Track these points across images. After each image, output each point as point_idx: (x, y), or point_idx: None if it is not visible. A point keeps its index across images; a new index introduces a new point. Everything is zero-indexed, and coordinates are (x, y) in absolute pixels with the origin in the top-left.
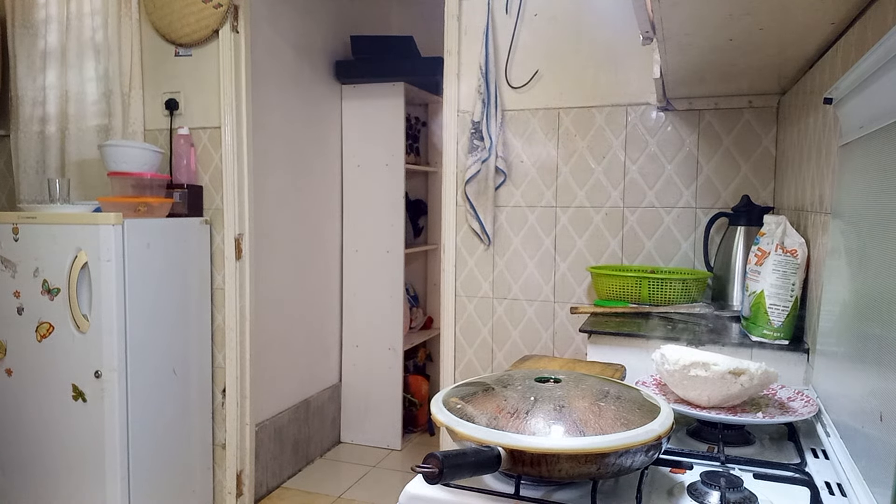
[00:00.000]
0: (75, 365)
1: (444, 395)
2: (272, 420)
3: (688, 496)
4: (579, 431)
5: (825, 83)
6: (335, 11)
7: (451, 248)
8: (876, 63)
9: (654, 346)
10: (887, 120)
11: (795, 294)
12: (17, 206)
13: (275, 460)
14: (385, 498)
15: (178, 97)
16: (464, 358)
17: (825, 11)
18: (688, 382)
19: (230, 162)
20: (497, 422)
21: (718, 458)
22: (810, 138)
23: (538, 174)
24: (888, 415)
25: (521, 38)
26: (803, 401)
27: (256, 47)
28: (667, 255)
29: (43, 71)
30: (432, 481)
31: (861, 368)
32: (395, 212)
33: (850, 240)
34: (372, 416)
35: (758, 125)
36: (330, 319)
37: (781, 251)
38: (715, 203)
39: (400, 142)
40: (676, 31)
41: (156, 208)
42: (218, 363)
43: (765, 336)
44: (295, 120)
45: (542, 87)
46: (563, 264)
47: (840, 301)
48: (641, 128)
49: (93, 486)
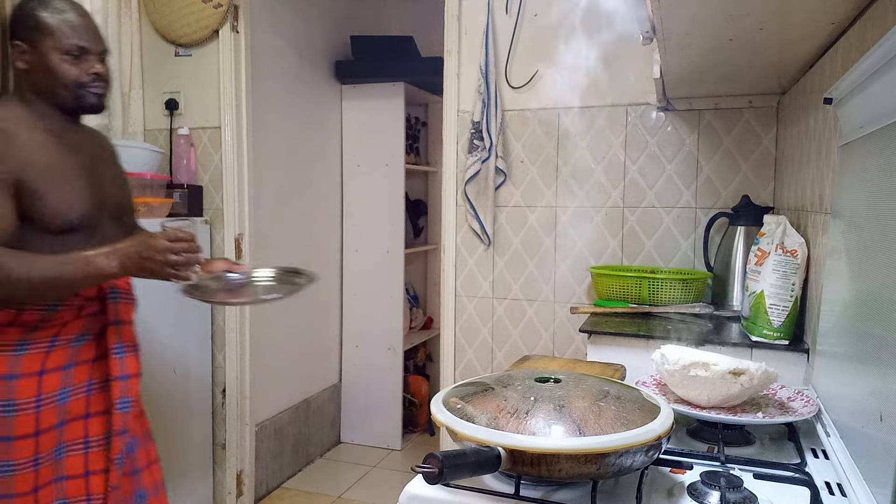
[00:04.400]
0: None
1: (444, 395)
2: (272, 420)
3: (688, 496)
4: (579, 431)
5: (825, 83)
6: (335, 11)
7: (451, 248)
8: (876, 63)
9: (654, 346)
10: (887, 120)
11: (795, 294)
12: None
13: (275, 460)
14: (385, 498)
15: (178, 97)
16: (464, 358)
17: (825, 11)
18: (688, 382)
19: (230, 162)
20: (497, 422)
21: (718, 458)
22: (810, 138)
23: (538, 174)
24: (888, 415)
25: (521, 38)
26: (803, 401)
27: (256, 47)
28: (667, 255)
29: None
30: (432, 481)
31: (861, 368)
32: (395, 212)
33: (850, 240)
34: (372, 416)
35: (758, 125)
36: (330, 319)
37: (781, 251)
38: (715, 203)
39: (400, 142)
40: (676, 31)
41: (156, 208)
42: (218, 363)
43: (765, 336)
44: (295, 120)
45: (542, 87)
46: (563, 264)
47: (840, 301)
48: (641, 128)
49: None
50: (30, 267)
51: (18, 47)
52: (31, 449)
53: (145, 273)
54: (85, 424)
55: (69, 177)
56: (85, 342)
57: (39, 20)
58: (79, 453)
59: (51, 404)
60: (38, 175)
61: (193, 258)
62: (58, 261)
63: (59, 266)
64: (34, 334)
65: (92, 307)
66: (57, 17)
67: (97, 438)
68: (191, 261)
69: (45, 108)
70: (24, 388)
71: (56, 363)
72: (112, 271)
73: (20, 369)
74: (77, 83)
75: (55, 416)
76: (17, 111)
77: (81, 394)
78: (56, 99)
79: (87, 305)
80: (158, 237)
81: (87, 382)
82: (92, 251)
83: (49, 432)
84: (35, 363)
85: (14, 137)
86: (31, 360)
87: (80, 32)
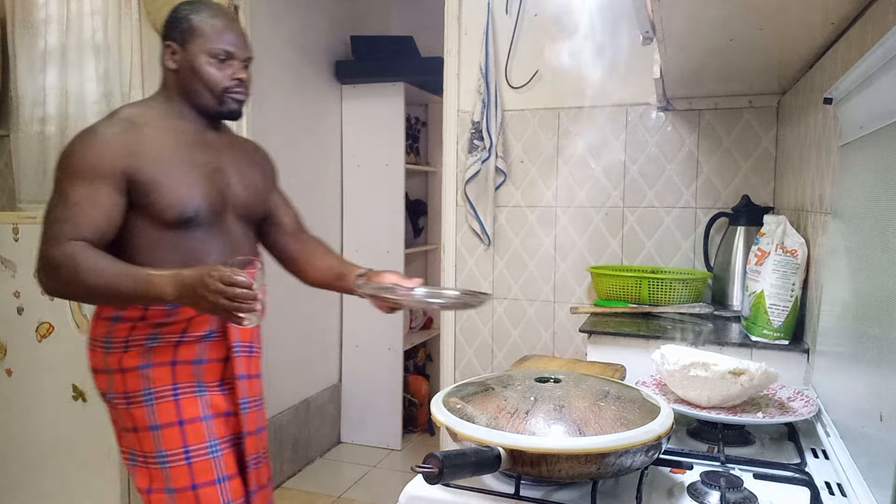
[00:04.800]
0: (75, 365)
1: (444, 395)
2: (272, 420)
3: (688, 496)
4: (579, 431)
5: (825, 83)
6: (335, 11)
7: (451, 248)
8: (876, 63)
9: (654, 346)
10: (887, 120)
11: (795, 294)
12: (17, 206)
13: (275, 460)
14: (385, 498)
15: None
16: (464, 358)
17: (825, 11)
18: (688, 382)
19: None
20: (497, 422)
21: (718, 458)
22: (810, 138)
23: (538, 174)
24: (888, 415)
25: (521, 38)
26: (803, 401)
27: (256, 47)
28: (667, 255)
29: (43, 71)
30: (432, 481)
31: (861, 368)
32: (395, 212)
33: (850, 240)
34: (372, 416)
35: (758, 125)
36: (330, 319)
37: (781, 251)
38: (715, 203)
39: (400, 142)
40: (676, 31)
41: None
42: None
43: (765, 336)
44: (295, 120)
45: (542, 87)
46: (563, 264)
47: (840, 301)
48: (641, 128)
49: (93, 486)
50: (95, 271)
51: (170, 47)
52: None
53: (199, 308)
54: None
55: (189, 173)
56: (213, 339)
57: (191, 23)
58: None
59: (189, 394)
60: (157, 168)
61: (247, 306)
62: (122, 273)
63: (120, 279)
64: (162, 329)
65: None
66: (208, 21)
67: (226, 439)
68: (243, 308)
69: (185, 108)
70: (159, 376)
71: (186, 356)
72: (167, 297)
73: (152, 359)
74: (220, 87)
75: (197, 408)
76: (154, 108)
77: (217, 391)
78: (198, 100)
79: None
80: (215, 276)
81: (219, 382)
82: (156, 272)
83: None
84: (166, 354)
85: (137, 132)
86: (162, 352)
87: (228, 38)
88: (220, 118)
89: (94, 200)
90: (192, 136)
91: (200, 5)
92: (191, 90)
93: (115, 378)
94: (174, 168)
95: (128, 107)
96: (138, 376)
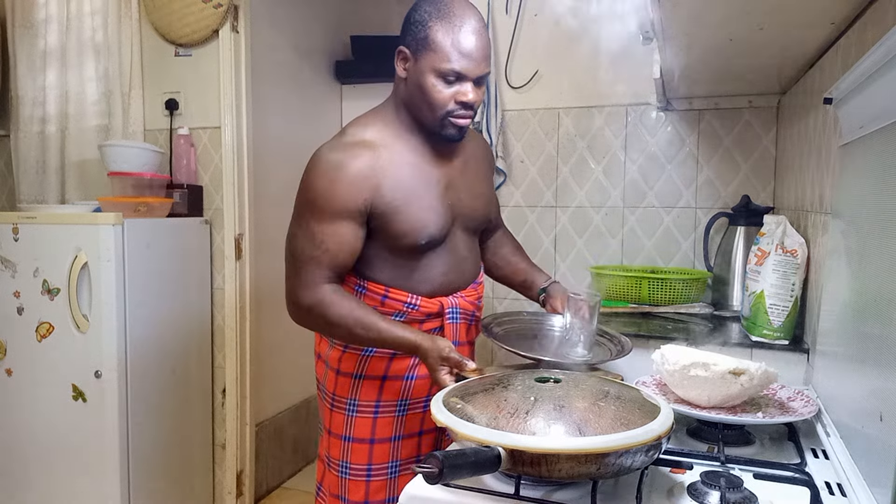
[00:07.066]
0: (75, 365)
1: (444, 395)
2: (272, 420)
3: (688, 496)
4: (579, 431)
5: (825, 83)
6: (335, 11)
7: None
8: (876, 63)
9: (654, 346)
10: (887, 120)
11: (795, 294)
12: (17, 206)
13: (275, 460)
14: None
15: (178, 97)
16: None
17: (825, 11)
18: (688, 382)
19: (230, 162)
20: (497, 422)
21: (718, 458)
22: (810, 138)
23: (538, 174)
24: (888, 415)
25: (521, 38)
26: (803, 401)
27: (256, 47)
28: (667, 255)
29: (43, 71)
30: (432, 481)
31: (861, 368)
32: None
33: (850, 240)
34: None
35: (758, 125)
36: None
37: (781, 251)
38: (715, 203)
39: None
40: (676, 31)
41: (156, 208)
42: (218, 363)
43: (765, 336)
44: (295, 120)
45: (542, 87)
46: (563, 264)
47: (840, 301)
48: (641, 128)
49: (93, 486)
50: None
51: (402, 53)
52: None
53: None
54: (418, 442)
55: (425, 195)
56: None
57: (428, 32)
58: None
59: (388, 414)
60: (397, 196)
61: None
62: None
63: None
64: None
65: (433, 323)
66: (448, 35)
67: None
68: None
69: (413, 122)
70: (367, 390)
71: (398, 371)
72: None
73: (366, 370)
74: (442, 111)
75: (391, 428)
76: (388, 123)
77: (418, 409)
78: (419, 116)
79: (427, 321)
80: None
81: (424, 399)
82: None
83: (384, 444)
84: (379, 368)
85: (377, 157)
86: (376, 364)
87: (464, 56)
88: (437, 139)
89: (341, 239)
90: (424, 152)
91: (445, 8)
92: (414, 104)
93: (329, 375)
94: (411, 193)
95: (362, 126)
96: (349, 384)
